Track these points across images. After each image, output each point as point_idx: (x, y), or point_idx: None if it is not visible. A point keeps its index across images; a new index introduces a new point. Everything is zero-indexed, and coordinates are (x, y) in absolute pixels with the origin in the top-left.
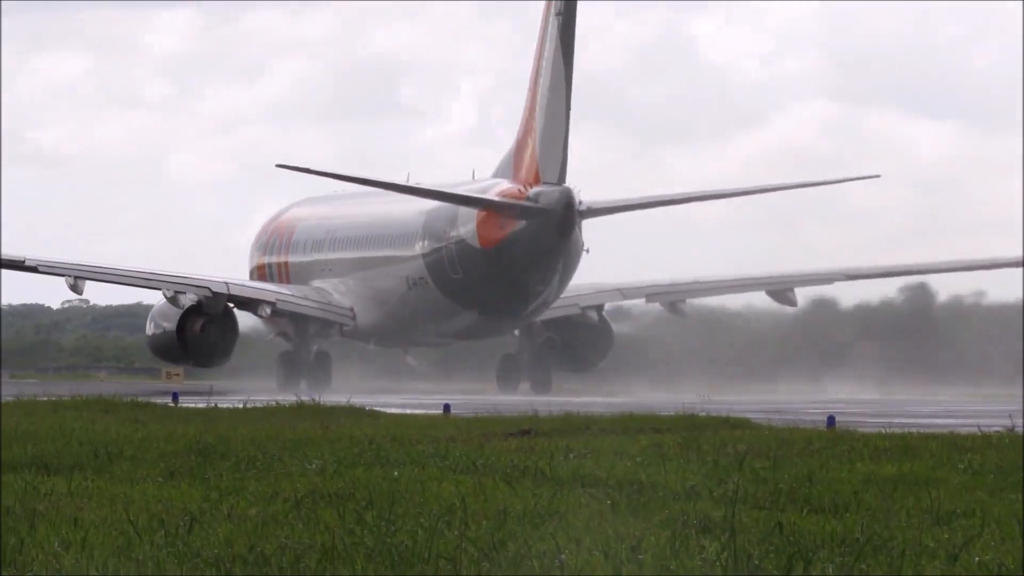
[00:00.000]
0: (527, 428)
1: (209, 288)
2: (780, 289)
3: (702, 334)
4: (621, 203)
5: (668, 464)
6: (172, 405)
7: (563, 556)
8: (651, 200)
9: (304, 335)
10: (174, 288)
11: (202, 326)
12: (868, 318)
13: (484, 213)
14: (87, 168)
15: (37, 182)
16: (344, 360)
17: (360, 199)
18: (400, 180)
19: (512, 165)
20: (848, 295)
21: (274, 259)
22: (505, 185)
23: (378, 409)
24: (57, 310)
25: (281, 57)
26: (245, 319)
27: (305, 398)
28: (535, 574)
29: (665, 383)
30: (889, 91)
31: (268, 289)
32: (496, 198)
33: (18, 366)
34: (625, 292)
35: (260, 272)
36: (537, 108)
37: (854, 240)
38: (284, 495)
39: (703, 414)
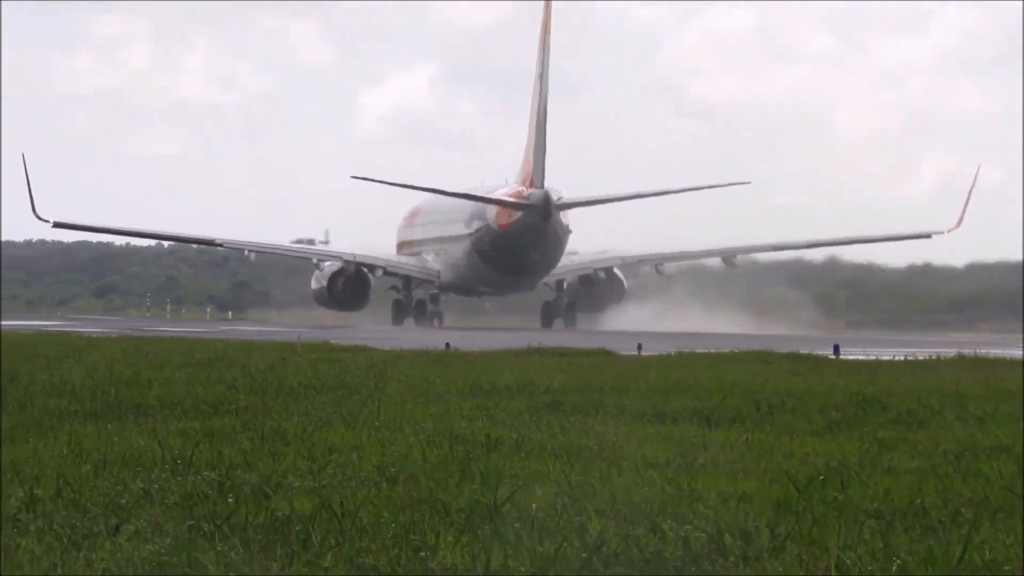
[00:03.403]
0: None
1: (340, 258)
2: (727, 256)
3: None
4: (587, 199)
5: None
6: (832, 357)
7: None
8: (611, 197)
9: (408, 289)
10: (317, 258)
11: (343, 283)
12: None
13: (499, 207)
14: (750, 121)
15: (700, 134)
16: (445, 306)
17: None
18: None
19: (521, 171)
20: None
21: (406, 238)
22: (513, 188)
23: None
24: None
25: (948, 6)
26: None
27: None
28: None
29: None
30: None
31: (380, 257)
32: (505, 198)
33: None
34: (625, 259)
35: (400, 247)
36: (529, 127)
37: None
38: (943, 448)
39: None
